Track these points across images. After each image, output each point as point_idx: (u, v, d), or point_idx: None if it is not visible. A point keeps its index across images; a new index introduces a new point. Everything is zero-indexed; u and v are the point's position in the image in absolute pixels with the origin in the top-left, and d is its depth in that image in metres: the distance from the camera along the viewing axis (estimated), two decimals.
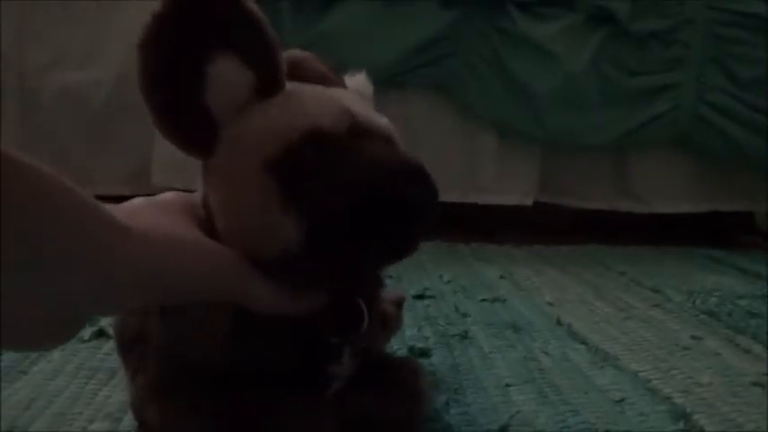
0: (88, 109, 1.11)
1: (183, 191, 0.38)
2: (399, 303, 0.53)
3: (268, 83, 0.34)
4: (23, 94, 1.14)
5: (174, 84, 0.32)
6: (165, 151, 1.08)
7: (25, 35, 1.14)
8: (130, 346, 0.42)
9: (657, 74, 1.14)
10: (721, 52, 1.13)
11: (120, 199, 0.35)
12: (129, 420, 0.44)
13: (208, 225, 0.35)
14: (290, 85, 0.36)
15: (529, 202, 1.19)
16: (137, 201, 0.34)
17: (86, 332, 0.61)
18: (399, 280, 0.88)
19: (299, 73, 0.39)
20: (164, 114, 0.33)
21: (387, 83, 1.09)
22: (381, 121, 0.37)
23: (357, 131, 0.34)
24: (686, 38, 1.13)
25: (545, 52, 1.10)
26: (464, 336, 0.66)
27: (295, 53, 0.41)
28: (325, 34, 1.07)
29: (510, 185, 1.18)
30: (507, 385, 0.54)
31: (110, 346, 0.58)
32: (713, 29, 1.13)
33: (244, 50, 0.33)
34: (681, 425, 0.48)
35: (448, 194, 1.18)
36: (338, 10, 1.08)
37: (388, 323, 0.51)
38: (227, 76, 0.33)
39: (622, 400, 0.52)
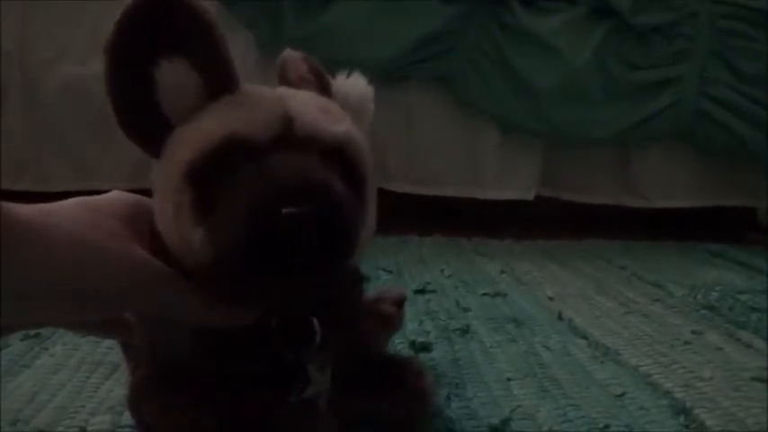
0: (91, 104, 1.11)
1: None
2: (400, 302, 0.52)
3: (217, 85, 0.33)
4: (26, 90, 1.14)
5: (127, 88, 0.33)
6: None
7: (27, 32, 1.13)
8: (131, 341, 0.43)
9: (660, 68, 1.13)
10: (724, 46, 1.12)
11: None
12: None
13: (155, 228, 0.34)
14: (246, 88, 0.34)
15: (530, 196, 1.19)
16: (70, 201, 0.33)
17: None
18: (400, 275, 0.88)
19: (282, 74, 0.39)
20: (122, 116, 0.33)
21: (388, 78, 1.09)
22: (335, 128, 0.34)
23: (285, 139, 0.32)
24: (689, 32, 1.12)
25: (547, 47, 1.10)
26: (465, 330, 0.66)
27: (285, 53, 0.40)
28: (326, 29, 1.06)
29: (512, 180, 1.18)
30: (508, 379, 0.54)
31: (111, 340, 0.58)
32: (717, 23, 1.12)
33: (190, 53, 0.32)
34: (681, 419, 0.48)
35: (450, 189, 1.18)
36: (339, 5, 1.07)
37: (389, 323, 0.51)
38: (175, 79, 0.33)
39: (623, 394, 0.52)
